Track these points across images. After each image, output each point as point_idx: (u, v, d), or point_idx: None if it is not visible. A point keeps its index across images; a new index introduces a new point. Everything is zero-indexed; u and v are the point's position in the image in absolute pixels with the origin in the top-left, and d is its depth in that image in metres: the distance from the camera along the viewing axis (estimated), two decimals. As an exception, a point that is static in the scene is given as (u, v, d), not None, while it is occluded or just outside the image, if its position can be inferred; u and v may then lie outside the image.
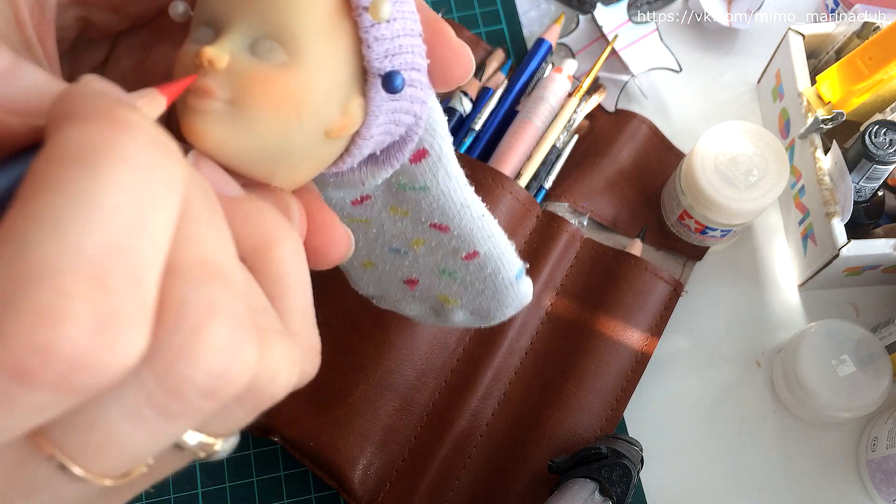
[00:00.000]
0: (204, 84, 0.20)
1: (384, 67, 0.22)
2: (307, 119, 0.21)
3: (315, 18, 0.21)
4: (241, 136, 0.21)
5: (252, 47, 0.21)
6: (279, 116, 0.21)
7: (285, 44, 0.21)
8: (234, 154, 0.21)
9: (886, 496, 0.52)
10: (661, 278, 0.57)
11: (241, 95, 0.20)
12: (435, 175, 0.27)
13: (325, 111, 0.21)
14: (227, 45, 0.21)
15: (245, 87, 0.20)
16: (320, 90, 0.21)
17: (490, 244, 0.28)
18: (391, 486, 0.52)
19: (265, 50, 0.21)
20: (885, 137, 0.52)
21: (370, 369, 0.52)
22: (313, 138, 0.22)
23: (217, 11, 0.21)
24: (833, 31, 0.58)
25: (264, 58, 0.21)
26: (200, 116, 0.20)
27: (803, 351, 0.54)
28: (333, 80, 0.21)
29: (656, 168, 0.62)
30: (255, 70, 0.20)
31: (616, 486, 0.48)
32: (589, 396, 0.54)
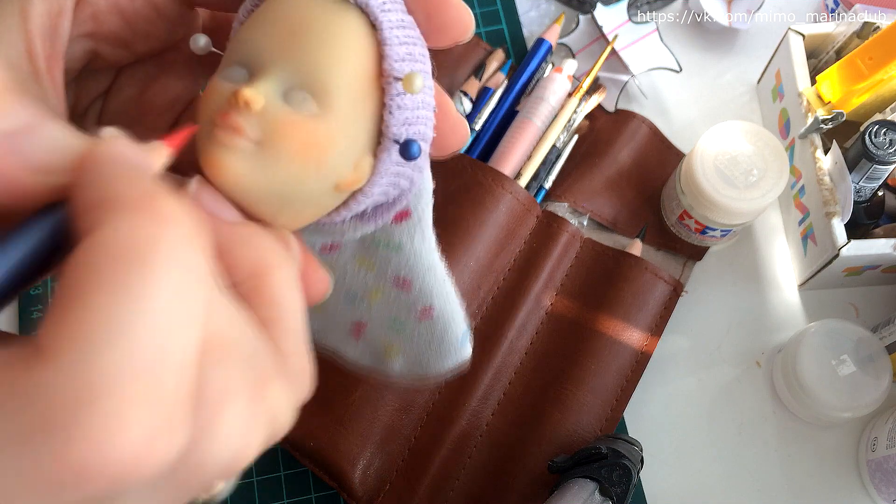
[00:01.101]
0: (236, 122, 0.21)
1: (401, 135, 0.23)
2: (324, 170, 0.22)
3: (349, 78, 0.22)
4: (261, 176, 0.21)
5: (285, 94, 0.22)
6: (301, 164, 0.22)
7: (318, 96, 0.22)
8: (248, 192, 0.22)
9: (886, 496, 0.52)
10: (661, 278, 0.57)
11: (270, 139, 0.21)
12: (412, 237, 0.28)
13: (340, 165, 0.22)
14: (263, 89, 0.21)
15: (275, 132, 0.21)
16: (342, 145, 0.22)
17: (446, 304, 0.29)
18: (391, 486, 0.52)
19: (298, 99, 0.22)
20: (885, 137, 0.52)
21: (370, 369, 0.52)
22: (324, 188, 0.23)
23: (254, 54, 0.22)
24: (833, 31, 0.58)
25: (296, 106, 0.22)
26: (226, 152, 0.21)
27: (803, 351, 0.54)
28: (354, 138, 0.23)
29: (656, 168, 0.62)
30: (287, 117, 0.21)
31: (616, 486, 0.48)
32: (589, 396, 0.54)
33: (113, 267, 0.15)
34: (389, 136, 0.23)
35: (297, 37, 0.22)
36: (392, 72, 0.23)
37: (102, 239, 0.16)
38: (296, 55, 0.22)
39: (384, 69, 0.23)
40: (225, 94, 0.22)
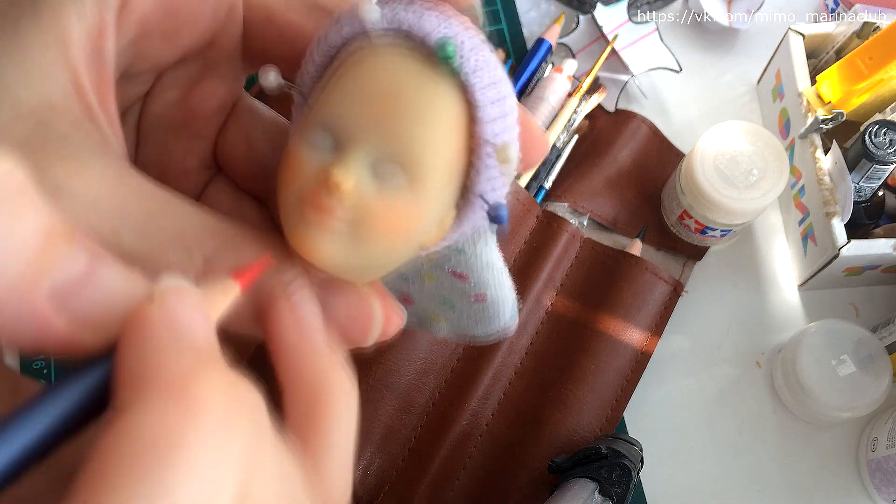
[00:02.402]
0: (328, 205, 0.21)
1: (486, 191, 0.23)
2: (413, 239, 0.22)
3: (442, 150, 0.21)
4: (352, 254, 0.21)
5: (374, 167, 0.21)
6: (392, 240, 0.21)
7: (409, 170, 0.21)
8: (339, 268, 0.22)
9: (886, 496, 0.52)
10: (661, 278, 0.57)
11: (362, 221, 0.21)
12: (475, 243, 0.27)
13: (427, 230, 0.22)
14: (354, 167, 0.21)
15: (366, 215, 0.21)
16: (430, 214, 0.22)
17: (500, 292, 0.29)
18: (391, 486, 0.52)
19: (387, 173, 0.21)
20: (885, 137, 0.52)
21: (370, 369, 0.52)
22: (410, 253, 0.23)
23: (343, 123, 0.21)
24: (833, 31, 0.58)
25: (386, 181, 0.21)
26: (316, 232, 0.21)
27: (803, 351, 0.54)
28: (441, 203, 0.22)
29: (656, 168, 0.62)
30: (378, 198, 0.21)
31: (616, 486, 0.48)
32: (589, 396, 0.54)
33: (134, 462, 0.15)
34: (475, 192, 0.23)
35: (389, 109, 0.21)
36: (484, 136, 0.22)
37: (128, 426, 0.15)
38: (388, 128, 0.21)
39: (476, 133, 0.22)
40: (313, 169, 0.21)
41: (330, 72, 0.22)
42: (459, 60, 0.21)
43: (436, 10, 0.22)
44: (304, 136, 0.22)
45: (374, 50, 0.22)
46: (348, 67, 0.22)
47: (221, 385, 0.16)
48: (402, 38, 0.22)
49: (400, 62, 0.21)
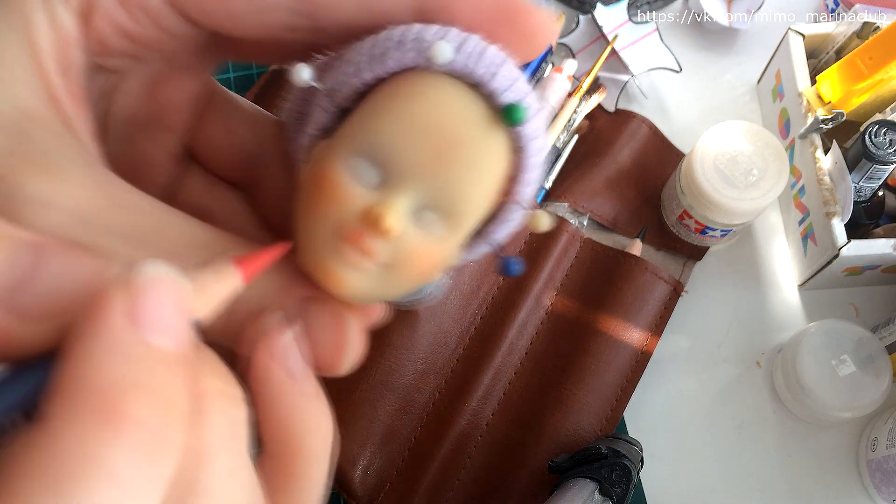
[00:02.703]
0: (369, 248, 0.20)
1: (497, 242, 0.23)
2: (432, 279, 0.22)
3: (485, 205, 0.21)
4: (380, 291, 0.21)
5: (417, 213, 0.20)
6: (420, 280, 0.21)
7: (449, 220, 0.21)
8: (362, 301, 0.21)
9: (886, 496, 0.52)
10: (661, 278, 0.57)
11: (398, 265, 0.20)
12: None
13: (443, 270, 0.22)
14: (400, 210, 0.20)
15: (404, 260, 0.20)
16: (452, 257, 0.22)
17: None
18: (391, 486, 0.52)
19: (429, 220, 0.20)
20: (885, 137, 0.52)
21: (370, 369, 0.52)
22: (417, 286, 0.22)
23: (393, 159, 0.20)
24: (833, 31, 0.58)
25: (425, 228, 0.20)
26: (351, 271, 0.20)
27: (803, 351, 0.54)
28: (458, 248, 0.22)
29: (656, 168, 0.62)
30: (419, 244, 0.20)
31: (616, 486, 0.48)
32: (589, 396, 0.54)
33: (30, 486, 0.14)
34: (490, 240, 0.23)
35: (446, 154, 0.20)
36: (519, 196, 0.22)
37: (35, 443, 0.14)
38: (441, 176, 0.20)
39: (514, 192, 0.22)
40: (357, 204, 0.20)
41: (380, 94, 0.21)
42: (523, 126, 0.21)
43: (507, 65, 0.21)
44: (346, 161, 0.20)
45: (437, 83, 0.21)
46: (405, 95, 0.21)
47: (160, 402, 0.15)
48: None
49: (464, 106, 0.21)
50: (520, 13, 0.22)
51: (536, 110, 0.22)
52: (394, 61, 0.21)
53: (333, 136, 0.22)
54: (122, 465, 0.14)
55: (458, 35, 0.21)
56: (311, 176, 0.21)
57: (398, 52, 0.21)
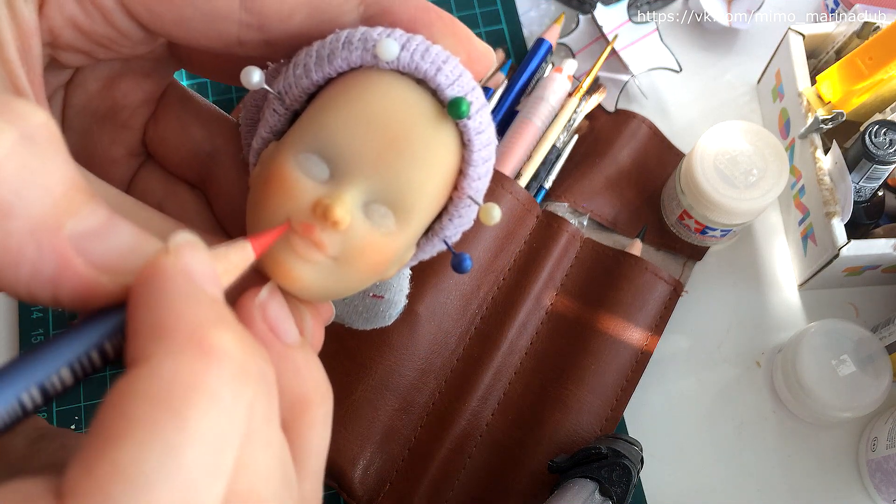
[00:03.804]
0: (319, 239, 0.20)
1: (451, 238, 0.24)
2: (385, 274, 0.22)
3: (434, 198, 0.22)
4: (330, 286, 0.21)
5: (366, 206, 0.21)
6: (368, 277, 0.21)
7: (399, 214, 0.21)
8: (312, 296, 0.22)
9: (886, 496, 0.52)
10: (661, 278, 0.57)
11: (349, 258, 0.21)
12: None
13: (396, 265, 0.23)
14: (349, 203, 0.20)
15: (355, 253, 0.21)
16: (405, 254, 0.22)
17: (398, 296, 0.29)
18: (391, 486, 0.52)
19: (379, 214, 0.21)
20: (885, 137, 0.52)
21: (370, 369, 0.52)
22: (369, 283, 0.23)
23: (342, 154, 0.21)
24: (833, 31, 0.58)
25: (376, 222, 0.21)
26: (301, 264, 0.21)
27: (803, 351, 0.54)
28: (409, 245, 0.23)
29: (656, 168, 0.62)
30: (368, 237, 0.21)
31: (616, 486, 0.48)
32: (589, 396, 0.54)
33: (149, 412, 0.15)
34: (441, 236, 0.23)
35: (394, 149, 0.20)
36: (469, 191, 0.22)
37: (142, 378, 0.16)
38: (388, 169, 0.20)
39: (461, 186, 0.22)
40: (306, 197, 0.20)
41: (329, 92, 0.22)
42: (468, 120, 0.22)
43: (451, 61, 0.22)
44: (295, 158, 0.21)
45: (383, 79, 0.21)
46: (352, 92, 0.21)
47: (237, 337, 0.17)
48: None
49: (410, 101, 0.21)
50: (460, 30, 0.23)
51: (481, 105, 0.22)
52: (341, 60, 0.21)
53: (285, 136, 0.22)
54: (221, 387, 0.16)
55: (402, 34, 0.22)
56: (261, 174, 0.22)
57: (345, 51, 0.21)
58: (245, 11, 0.22)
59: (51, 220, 0.17)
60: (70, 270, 0.17)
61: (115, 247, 0.18)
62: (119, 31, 0.23)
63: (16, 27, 0.21)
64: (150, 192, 0.28)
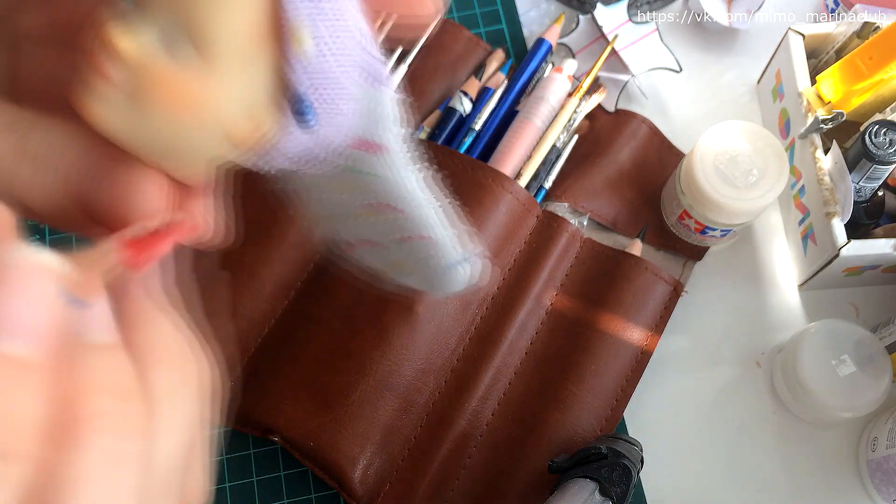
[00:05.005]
0: (105, 69, 0.19)
1: (299, 90, 0.21)
2: (205, 118, 0.20)
3: (237, 27, 0.20)
4: (131, 124, 0.20)
5: (166, 39, 0.19)
6: (173, 115, 0.20)
7: (199, 47, 0.20)
8: (125, 139, 0.20)
9: (886, 496, 0.52)
10: (661, 278, 0.57)
11: (141, 92, 0.19)
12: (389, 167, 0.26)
13: (227, 115, 0.20)
14: (136, 30, 0.19)
15: (146, 86, 0.19)
16: (224, 94, 0.20)
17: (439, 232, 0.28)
18: (391, 486, 0.52)
19: (177, 47, 0.20)
20: (885, 137, 0.52)
21: (370, 369, 0.52)
22: (210, 140, 0.21)
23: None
24: (833, 31, 0.58)
25: (174, 54, 0.20)
26: (97, 100, 0.20)
27: (803, 351, 0.54)
28: (242, 88, 0.20)
29: (656, 168, 0.62)
30: (160, 69, 0.19)
31: (616, 486, 0.48)
32: (589, 396, 0.54)
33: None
34: (290, 89, 0.21)
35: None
36: (287, 21, 0.20)
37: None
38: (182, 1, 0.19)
39: (280, 20, 0.20)
40: (99, 31, 0.19)
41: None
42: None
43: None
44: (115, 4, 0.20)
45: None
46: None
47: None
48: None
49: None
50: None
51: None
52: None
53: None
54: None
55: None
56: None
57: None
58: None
59: None
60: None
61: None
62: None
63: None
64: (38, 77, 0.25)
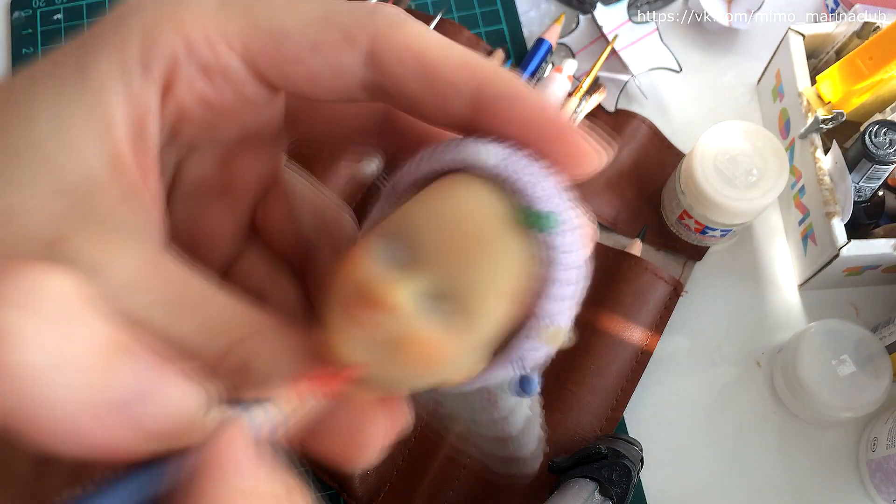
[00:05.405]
0: (371, 320, 0.20)
1: (522, 361, 0.22)
2: (435, 377, 0.21)
3: (502, 309, 0.21)
4: (381, 373, 0.20)
5: (432, 298, 0.20)
6: (416, 370, 0.20)
7: (461, 313, 0.20)
8: (358, 371, 0.21)
9: (886, 496, 0.52)
10: (661, 278, 0.57)
11: (398, 344, 0.20)
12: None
13: (451, 372, 0.21)
14: (408, 289, 0.20)
15: (404, 339, 0.20)
16: (468, 359, 0.21)
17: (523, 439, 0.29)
18: (391, 486, 0.52)
19: (440, 308, 0.20)
20: (885, 137, 0.52)
21: (370, 369, 0.52)
22: (427, 385, 0.21)
23: (414, 241, 0.20)
24: (833, 31, 0.58)
25: (436, 314, 0.20)
26: (349, 339, 0.20)
27: (803, 351, 0.54)
28: (481, 351, 0.21)
29: (656, 168, 0.62)
30: (422, 328, 0.20)
31: (616, 486, 0.48)
32: (589, 396, 0.54)
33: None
34: (515, 355, 0.22)
35: (461, 246, 0.20)
36: (545, 316, 0.21)
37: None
38: (457, 266, 0.20)
39: (538, 311, 0.21)
40: (371, 276, 0.20)
41: (425, 189, 0.22)
42: (554, 234, 0.21)
43: (549, 178, 0.22)
44: (374, 241, 0.21)
45: (473, 181, 0.21)
46: (441, 189, 0.21)
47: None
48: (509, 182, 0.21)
49: (495, 205, 0.21)
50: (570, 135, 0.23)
51: (573, 226, 0.22)
52: (448, 158, 0.22)
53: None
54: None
55: (506, 148, 0.22)
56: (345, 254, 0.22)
57: (451, 153, 0.22)
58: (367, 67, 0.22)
59: (89, 395, 0.16)
60: (116, 443, 0.17)
61: (161, 413, 0.17)
62: (246, 98, 0.23)
63: (130, 107, 0.20)
64: (253, 274, 0.27)
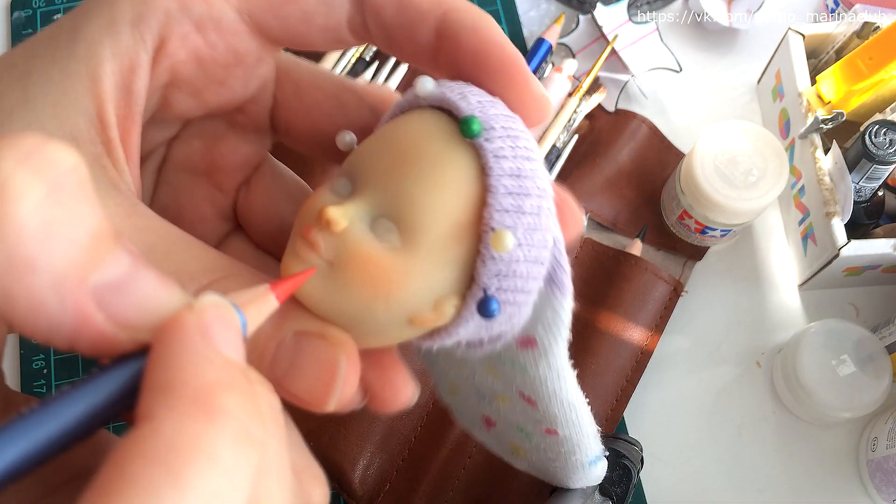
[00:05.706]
0: (315, 239, 0.21)
1: (490, 286, 0.22)
2: (394, 304, 0.21)
3: (441, 220, 0.21)
4: (329, 296, 0.21)
5: (374, 221, 0.21)
6: (368, 294, 0.21)
7: (403, 231, 0.21)
8: (319, 306, 0.22)
9: (886, 496, 0.52)
10: (661, 278, 0.57)
11: (342, 264, 0.21)
12: (536, 364, 0.28)
13: (415, 302, 0.21)
14: (351, 212, 0.21)
15: (348, 260, 0.21)
16: (418, 284, 0.21)
17: (573, 430, 0.29)
18: (391, 486, 0.52)
19: (383, 229, 0.21)
20: (885, 137, 0.52)
21: (370, 369, 0.52)
22: (395, 321, 0.22)
23: (359, 171, 0.22)
24: (833, 31, 0.58)
25: (379, 236, 0.21)
26: (300, 265, 0.21)
27: (803, 351, 0.54)
28: (436, 278, 0.21)
29: (656, 168, 0.62)
30: (364, 247, 0.21)
31: (616, 486, 0.48)
32: (589, 396, 0.53)
33: (146, 471, 0.15)
34: (479, 284, 0.22)
35: (400, 165, 0.21)
36: (490, 222, 0.21)
37: (144, 436, 0.16)
38: (394, 184, 0.21)
39: (483, 217, 0.21)
40: (321, 204, 0.21)
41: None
42: (484, 141, 0.21)
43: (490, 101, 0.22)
44: (330, 182, 0.22)
45: (418, 112, 0.22)
46: (390, 124, 0.23)
47: (244, 400, 0.17)
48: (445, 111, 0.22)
49: (429, 125, 0.22)
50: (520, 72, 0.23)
51: (509, 134, 0.22)
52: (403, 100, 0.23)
53: None
54: (223, 449, 0.16)
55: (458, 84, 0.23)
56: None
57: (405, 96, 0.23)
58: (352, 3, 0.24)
59: (74, 273, 0.17)
60: (89, 326, 0.17)
61: (136, 301, 0.18)
62: (238, 54, 0.24)
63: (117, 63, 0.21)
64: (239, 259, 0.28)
